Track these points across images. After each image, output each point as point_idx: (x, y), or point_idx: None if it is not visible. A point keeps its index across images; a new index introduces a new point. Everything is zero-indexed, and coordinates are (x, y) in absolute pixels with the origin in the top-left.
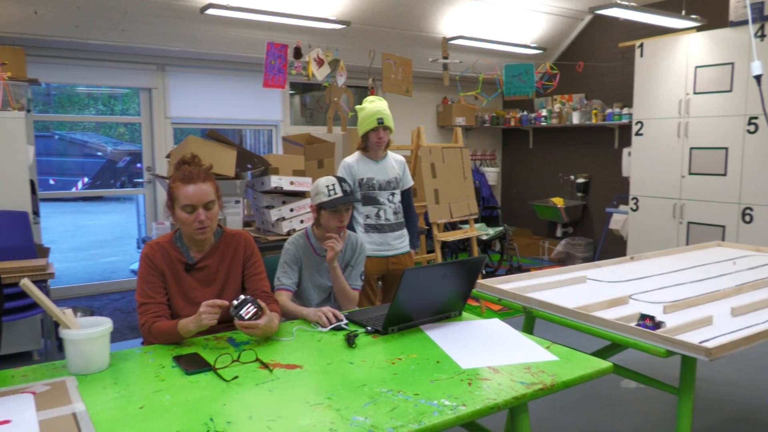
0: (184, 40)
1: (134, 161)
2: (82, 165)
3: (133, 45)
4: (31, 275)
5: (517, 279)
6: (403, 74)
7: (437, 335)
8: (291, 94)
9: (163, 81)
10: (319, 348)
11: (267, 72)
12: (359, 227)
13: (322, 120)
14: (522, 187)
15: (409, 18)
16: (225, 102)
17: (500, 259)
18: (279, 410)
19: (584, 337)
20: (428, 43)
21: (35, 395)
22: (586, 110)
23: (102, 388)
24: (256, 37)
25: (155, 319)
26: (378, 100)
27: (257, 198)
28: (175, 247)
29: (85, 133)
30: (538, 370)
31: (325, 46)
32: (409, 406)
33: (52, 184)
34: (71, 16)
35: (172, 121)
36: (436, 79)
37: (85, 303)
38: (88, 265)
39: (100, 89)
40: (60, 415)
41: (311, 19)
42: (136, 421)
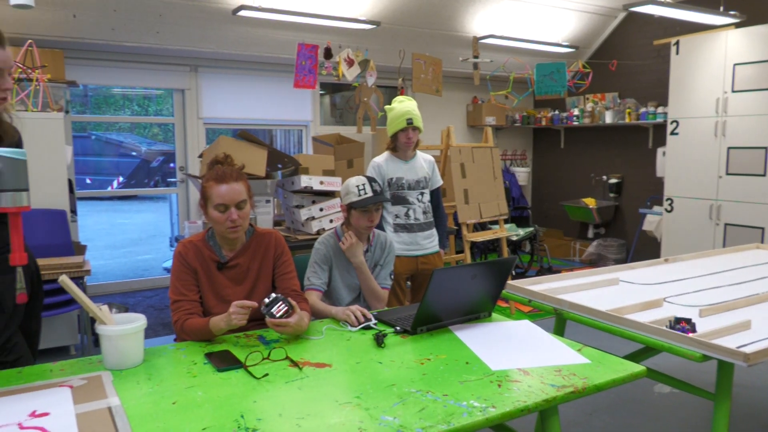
0: (217, 41)
1: (167, 161)
2: (118, 164)
3: (167, 47)
4: (69, 272)
5: (548, 280)
6: (433, 74)
7: (466, 336)
8: (321, 94)
9: (196, 82)
10: (349, 347)
11: (297, 72)
12: (388, 227)
13: (351, 120)
14: (553, 187)
15: (439, 17)
16: (256, 102)
17: (530, 260)
18: (308, 408)
19: (616, 340)
20: (458, 42)
21: (72, 389)
22: (620, 109)
23: (136, 383)
24: (287, 37)
25: (188, 316)
26: (407, 100)
27: (287, 197)
28: (207, 246)
29: (121, 134)
30: (569, 373)
31: (355, 46)
32: (438, 407)
33: (88, 183)
34: (108, 19)
35: (204, 121)
36: (466, 79)
37: (119, 300)
38: (123, 263)
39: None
40: (96, 408)
41: (341, 20)
42: (169, 416)
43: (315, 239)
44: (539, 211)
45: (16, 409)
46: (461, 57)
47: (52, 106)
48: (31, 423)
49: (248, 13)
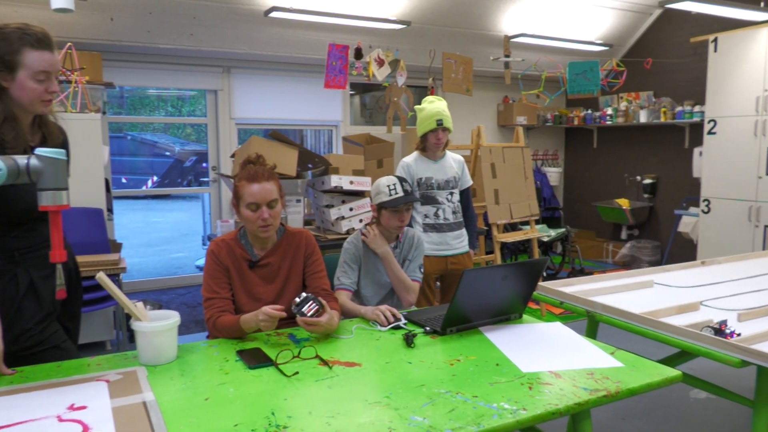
0: (249, 42)
1: (200, 161)
2: (152, 164)
3: (201, 48)
4: (106, 269)
5: (580, 282)
6: (463, 73)
7: (497, 337)
8: (351, 94)
9: (228, 83)
10: (378, 347)
11: (328, 73)
12: (417, 226)
13: (381, 120)
14: (585, 187)
15: (470, 17)
16: (287, 103)
17: (562, 261)
18: (338, 407)
19: (650, 344)
20: (489, 41)
21: (109, 383)
22: (655, 108)
23: (170, 379)
24: (318, 38)
25: (219, 313)
26: (437, 100)
27: (317, 197)
28: (239, 245)
29: (155, 134)
30: (602, 377)
31: (385, 46)
32: (467, 408)
33: (124, 182)
34: (144, 21)
35: (236, 121)
36: (497, 78)
37: (153, 297)
38: (156, 261)
39: (168, 91)
40: (131, 403)
41: (372, 20)
42: (202, 411)
43: (344, 239)
44: (571, 212)
45: (55, 401)
46: (492, 56)
47: (90, 107)
48: (69, 416)
49: (280, 14)
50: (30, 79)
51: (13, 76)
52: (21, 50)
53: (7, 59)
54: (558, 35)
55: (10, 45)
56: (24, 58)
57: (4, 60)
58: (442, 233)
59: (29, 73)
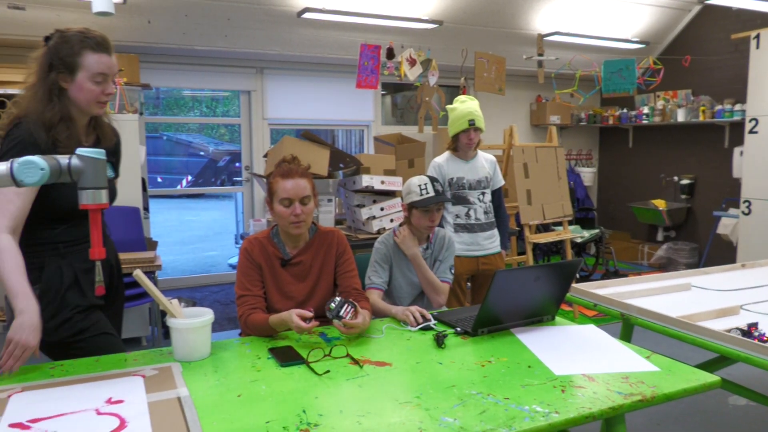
0: (282, 43)
1: (233, 160)
2: (187, 164)
3: (235, 50)
4: (142, 266)
5: (614, 284)
6: (496, 72)
7: (529, 339)
8: (382, 94)
9: (262, 83)
10: (409, 347)
11: (360, 73)
12: (449, 227)
13: (412, 120)
14: (620, 188)
15: (503, 15)
16: (319, 103)
17: (595, 263)
18: (369, 406)
19: (687, 348)
20: (522, 40)
21: (145, 378)
22: (693, 107)
23: (203, 375)
24: (350, 38)
25: (251, 311)
26: (470, 100)
27: (349, 197)
28: (272, 243)
29: (190, 134)
30: (637, 381)
31: (417, 45)
32: (499, 410)
33: (159, 181)
34: (179, 24)
35: (269, 122)
36: (530, 77)
37: (187, 294)
38: (190, 259)
39: (203, 92)
40: (166, 398)
41: (404, 20)
42: (234, 408)
43: (375, 238)
44: (605, 213)
45: (94, 395)
46: (525, 55)
47: (128, 108)
48: (107, 409)
49: (312, 15)
50: (88, 80)
51: (72, 78)
52: (81, 52)
53: (68, 61)
54: (593, 33)
55: (71, 47)
56: (84, 60)
57: (65, 61)
58: (473, 233)
59: (88, 74)
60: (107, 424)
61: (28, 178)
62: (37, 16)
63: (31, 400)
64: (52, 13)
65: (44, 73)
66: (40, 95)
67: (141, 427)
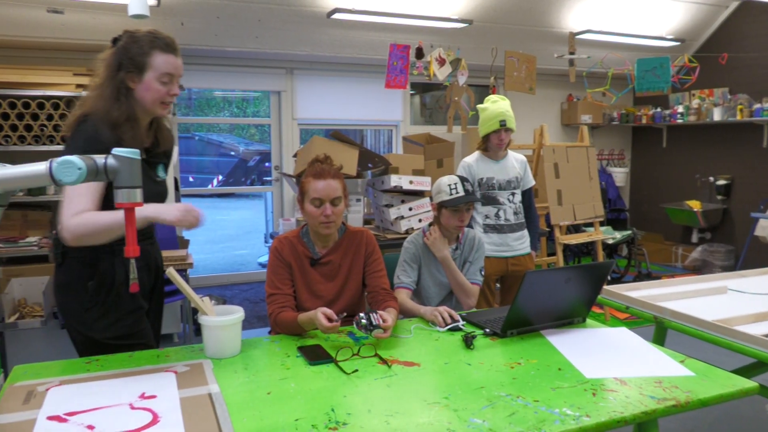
0: (311, 44)
1: (263, 160)
2: (218, 164)
3: (266, 51)
4: (175, 265)
5: (647, 286)
6: (526, 71)
7: (559, 341)
8: (411, 94)
9: (291, 84)
10: (437, 347)
11: (389, 73)
12: (478, 227)
13: (441, 119)
14: (653, 188)
15: (533, 13)
16: (348, 103)
17: (627, 264)
18: (397, 406)
19: (723, 353)
20: (553, 38)
21: (177, 374)
22: (730, 106)
23: (234, 372)
24: (379, 38)
25: (280, 309)
26: (501, 99)
27: (377, 196)
28: (301, 242)
29: (221, 135)
30: (670, 385)
31: (446, 45)
32: (528, 413)
33: (191, 181)
34: (211, 25)
35: (298, 122)
36: (561, 76)
37: (217, 292)
38: (221, 257)
39: (234, 93)
40: (198, 394)
41: (434, 19)
42: (264, 405)
43: (404, 238)
44: (638, 214)
45: (128, 390)
46: (556, 54)
47: None
48: (140, 404)
49: (342, 15)
50: (156, 80)
51: (141, 77)
52: (151, 52)
53: (137, 60)
54: (626, 31)
55: (141, 47)
56: (153, 60)
57: (135, 61)
58: (502, 234)
59: (156, 74)
60: (141, 418)
61: (66, 177)
62: (74, 20)
63: (68, 394)
64: (88, 17)
65: (112, 73)
66: (107, 94)
67: (173, 422)
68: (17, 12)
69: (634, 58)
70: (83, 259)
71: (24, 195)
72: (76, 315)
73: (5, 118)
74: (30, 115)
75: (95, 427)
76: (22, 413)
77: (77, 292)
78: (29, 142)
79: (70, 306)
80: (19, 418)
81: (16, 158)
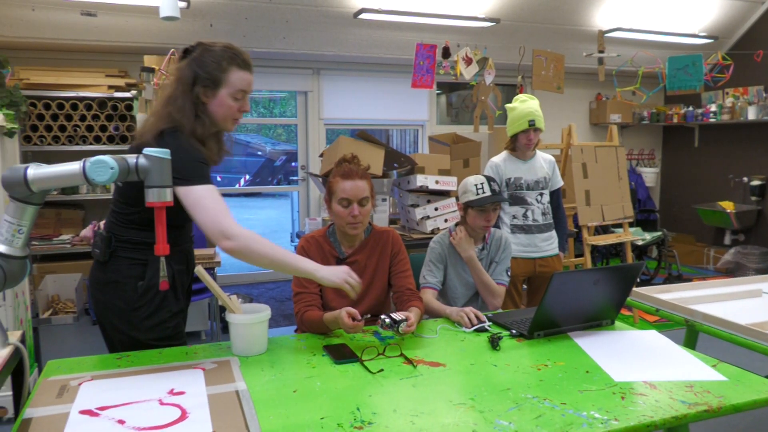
0: (338, 44)
1: (290, 160)
2: (245, 163)
3: (293, 51)
4: (203, 263)
5: (678, 289)
6: (554, 70)
7: (587, 344)
8: (437, 93)
9: (318, 84)
10: (463, 348)
11: (415, 73)
12: (505, 227)
13: (467, 119)
14: (684, 189)
15: (562, 12)
16: (374, 103)
17: (657, 266)
18: (422, 406)
19: (757, 358)
20: (582, 37)
21: (205, 371)
22: (765, 104)
23: (260, 370)
24: (406, 38)
25: (306, 308)
26: (530, 99)
27: (403, 196)
28: (328, 242)
29: (248, 135)
30: (702, 390)
31: (473, 44)
32: (555, 415)
33: (218, 180)
34: (239, 27)
35: (324, 122)
36: (590, 75)
37: (244, 290)
38: None
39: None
40: (225, 391)
41: (460, 18)
42: (290, 403)
43: (429, 238)
44: (668, 215)
45: (157, 386)
46: (585, 52)
47: None
48: (169, 400)
49: (369, 15)
50: (229, 96)
51: (215, 93)
52: (229, 69)
53: (214, 75)
54: (657, 29)
55: (219, 63)
56: (230, 77)
57: (212, 75)
58: (530, 235)
59: (231, 90)
60: (170, 414)
61: (99, 177)
62: (107, 22)
63: (99, 389)
64: (121, 19)
65: (188, 87)
66: (187, 110)
67: (201, 418)
68: (53, 15)
69: (665, 56)
70: (133, 258)
71: (57, 194)
72: (122, 314)
73: (40, 118)
74: (64, 115)
75: (126, 422)
76: (55, 407)
77: (125, 291)
78: (63, 142)
79: (116, 305)
80: (52, 411)
81: (50, 158)
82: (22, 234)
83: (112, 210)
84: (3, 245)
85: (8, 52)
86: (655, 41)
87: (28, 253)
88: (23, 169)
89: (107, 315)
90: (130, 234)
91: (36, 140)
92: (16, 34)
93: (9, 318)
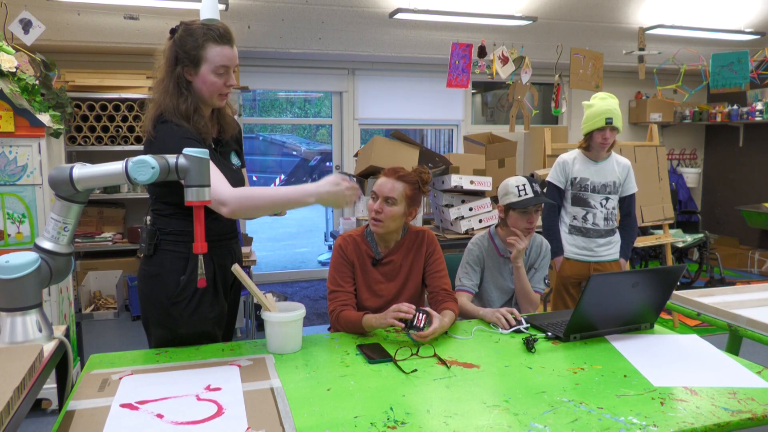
0: (373, 44)
1: (324, 160)
2: (280, 163)
3: (328, 52)
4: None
5: (721, 293)
6: (593, 69)
7: (625, 347)
8: (472, 93)
9: (353, 84)
10: (497, 349)
11: (451, 72)
12: (563, 226)
13: (502, 119)
14: (728, 190)
15: (601, 9)
16: (408, 103)
17: (699, 269)
18: (456, 407)
19: None
20: (622, 34)
21: (240, 368)
22: None
23: (295, 368)
24: (441, 38)
25: (342, 307)
26: (609, 97)
27: (437, 196)
28: (365, 242)
29: (283, 135)
30: (745, 397)
31: (510, 43)
32: (592, 420)
33: (254, 180)
34: (276, 28)
35: (359, 122)
36: (629, 73)
37: (279, 289)
38: (282, 255)
39: (296, 94)
40: (260, 388)
41: (497, 17)
42: (324, 401)
43: (463, 238)
44: (710, 216)
45: (194, 382)
46: (625, 50)
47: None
48: (206, 395)
49: (404, 15)
50: (211, 73)
51: (197, 71)
52: (205, 45)
53: (192, 54)
54: (700, 25)
55: (195, 40)
56: (207, 53)
57: (190, 54)
58: (588, 238)
59: (211, 67)
60: (206, 409)
61: (140, 176)
62: (149, 25)
63: (139, 383)
64: (162, 22)
65: (171, 67)
66: (171, 89)
67: (237, 414)
68: (97, 19)
69: (709, 53)
70: (177, 252)
71: (100, 193)
72: (163, 307)
73: (85, 119)
74: (107, 116)
75: (164, 416)
76: (97, 400)
77: (166, 285)
78: (105, 142)
79: (157, 298)
80: (94, 404)
81: (93, 158)
82: (67, 231)
83: (153, 203)
84: (49, 242)
85: (55, 55)
86: (698, 38)
87: (72, 250)
88: (69, 168)
89: (150, 308)
90: (173, 225)
91: (80, 140)
92: (63, 38)
93: (54, 313)
